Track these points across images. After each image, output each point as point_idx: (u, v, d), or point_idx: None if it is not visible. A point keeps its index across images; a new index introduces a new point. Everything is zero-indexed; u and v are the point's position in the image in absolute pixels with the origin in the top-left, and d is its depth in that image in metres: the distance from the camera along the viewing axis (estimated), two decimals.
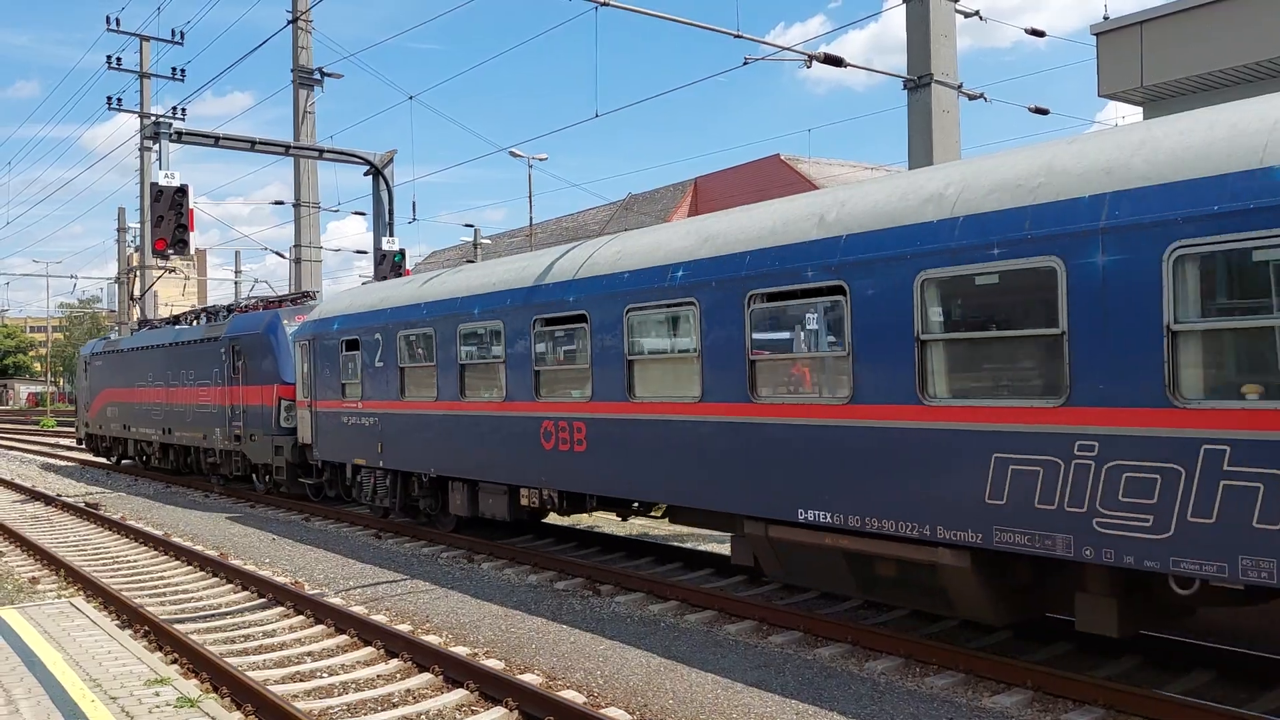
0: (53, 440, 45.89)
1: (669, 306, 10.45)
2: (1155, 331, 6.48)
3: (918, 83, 15.79)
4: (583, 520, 16.37)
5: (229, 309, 24.64)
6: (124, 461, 30.16)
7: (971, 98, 17.08)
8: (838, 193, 9.39)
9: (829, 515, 8.69)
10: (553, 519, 15.83)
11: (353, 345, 16.52)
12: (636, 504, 12.40)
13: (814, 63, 15.94)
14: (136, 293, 48.19)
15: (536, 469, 12.34)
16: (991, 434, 7.45)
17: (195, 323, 25.42)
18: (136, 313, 44.95)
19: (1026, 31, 20.25)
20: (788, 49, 16.26)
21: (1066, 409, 6.99)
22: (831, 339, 8.78)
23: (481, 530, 15.57)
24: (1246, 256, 6.13)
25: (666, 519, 12.26)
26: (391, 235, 23.65)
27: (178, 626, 10.44)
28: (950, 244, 7.71)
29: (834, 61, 16.14)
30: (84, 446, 33.26)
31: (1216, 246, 6.20)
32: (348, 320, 16.81)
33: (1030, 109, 19.42)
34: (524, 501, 12.94)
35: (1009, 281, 7.41)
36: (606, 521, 16.55)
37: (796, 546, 9.29)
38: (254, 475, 21.62)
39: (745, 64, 15.88)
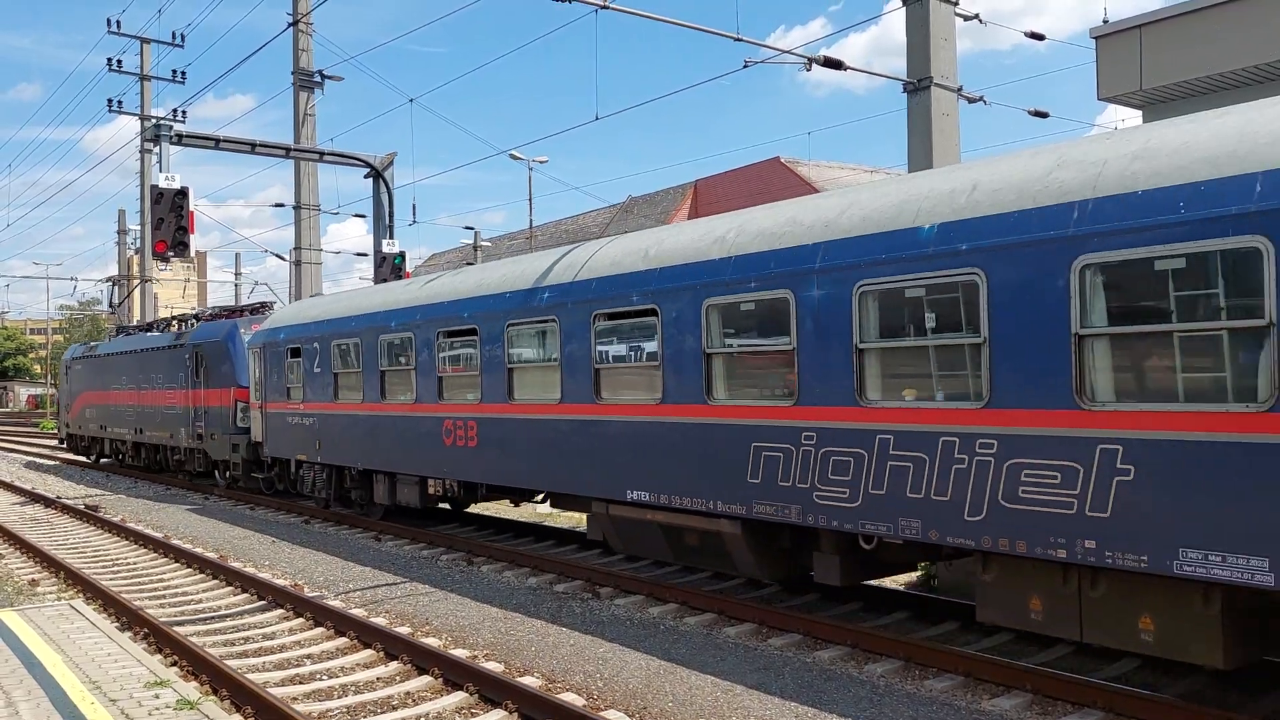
0: (52, 442, 45.87)
1: (539, 322, 12.30)
2: (848, 349, 8.57)
3: (917, 85, 15.80)
4: (581, 523, 16.50)
5: (196, 317, 26.58)
6: (102, 460, 31.61)
7: (971, 101, 17.09)
8: (660, 232, 11.57)
9: (648, 495, 10.68)
10: (560, 519, 16.41)
11: (296, 353, 18.41)
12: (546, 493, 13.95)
13: (814, 65, 15.95)
14: (120, 299, 48.26)
15: (440, 462, 14.32)
16: (751, 427, 9.45)
17: (168, 329, 27.16)
18: (139, 315, 45.11)
19: (1026, 35, 20.26)
20: (788, 52, 16.27)
21: (796, 408, 9.02)
22: (650, 351, 10.66)
23: (408, 519, 17.42)
24: (901, 294, 8.18)
25: (548, 503, 14.06)
26: (392, 238, 23.68)
27: (178, 629, 10.44)
28: (726, 277, 9.71)
29: (834, 64, 16.16)
30: (65, 446, 35.09)
31: (885, 285, 8.27)
32: (292, 330, 18.68)
33: (1030, 112, 19.41)
34: (431, 491, 15.08)
35: (762, 308, 9.43)
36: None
37: (628, 522, 11.35)
38: (215, 471, 23.54)
39: (745, 67, 15.89)
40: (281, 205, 39.80)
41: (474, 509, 18.82)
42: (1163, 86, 14.53)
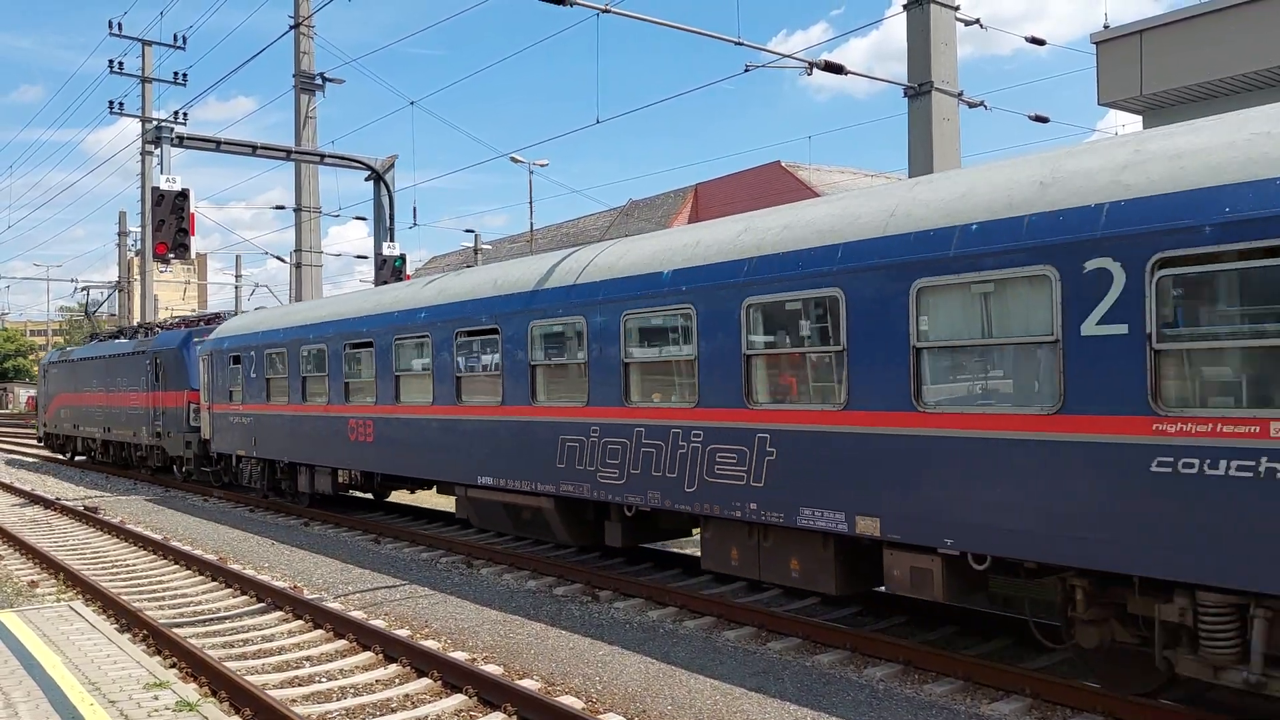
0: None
1: (417, 337, 14.79)
2: (618, 363, 11.09)
3: (918, 90, 15.82)
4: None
5: (162, 326, 29.40)
6: (77, 458, 33.77)
7: (972, 105, 17.12)
8: (505, 266, 14.13)
9: (493, 479, 13.19)
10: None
11: (237, 360, 20.94)
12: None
13: (815, 70, 15.98)
14: (131, 301, 48.81)
15: (346, 456, 16.93)
16: (559, 423, 12.02)
17: (135, 337, 29.44)
18: (139, 317, 45.21)
19: (1027, 39, 20.31)
20: (789, 56, 16.31)
21: (586, 408, 11.58)
22: (495, 362, 13.16)
23: (335, 506, 19.62)
24: (649, 320, 10.87)
25: (436, 490, 16.85)
26: (392, 240, 23.71)
27: (177, 630, 10.44)
28: (544, 305, 12.34)
29: (834, 69, 16.19)
30: (43, 444, 37.11)
31: (640, 314, 10.86)
32: (234, 340, 21.18)
33: (1030, 117, 19.46)
34: (340, 480, 17.89)
35: (568, 330, 12.07)
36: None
37: (481, 502, 13.77)
38: (173, 466, 25.81)
39: (746, 71, 15.93)
40: (282, 208, 39.83)
41: (415, 500, 20.57)
42: (1163, 91, 14.56)
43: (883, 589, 9.10)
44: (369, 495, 19.68)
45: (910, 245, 8.12)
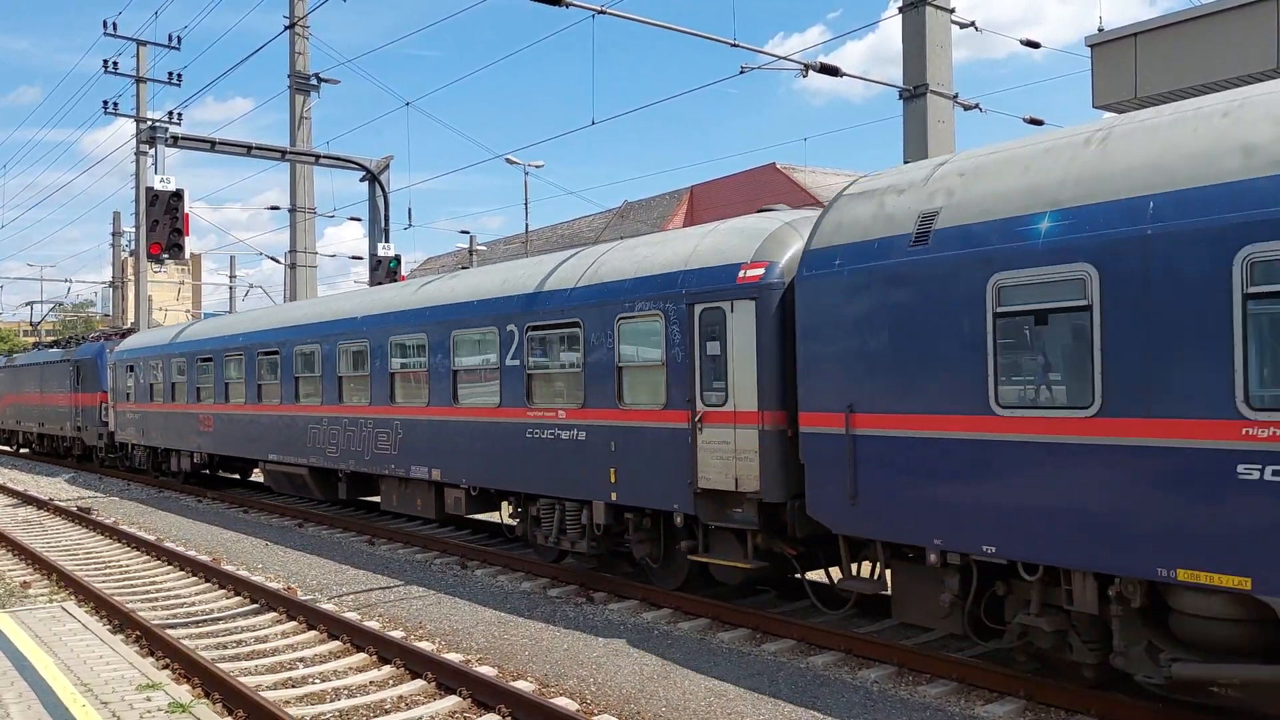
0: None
1: (236, 354, 20.68)
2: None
3: (913, 93, 15.85)
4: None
5: (83, 337, 35.62)
6: (21, 450, 39.51)
7: (967, 108, 17.16)
8: (335, 299, 19.66)
9: (277, 456, 18.94)
10: None
11: (131, 369, 26.68)
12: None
13: (810, 72, 16.00)
14: (125, 301, 49.27)
15: (198, 443, 22.77)
16: (308, 416, 17.79)
17: (67, 347, 35.02)
18: (132, 318, 45.30)
19: (1022, 43, 20.37)
20: (784, 58, 16.32)
21: (320, 406, 17.35)
22: (278, 376, 18.64)
23: (205, 483, 24.67)
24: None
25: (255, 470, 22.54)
26: (387, 241, 23.69)
27: (170, 631, 10.40)
28: (307, 334, 18.03)
29: (830, 71, 16.20)
30: None
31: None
32: (130, 353, 27.19)
33: (1025, 119, 19.49)
34: (195, 460, 23.52)
35: (312, 353, 18.03)
36: None
37: (272, 473, 19.46)
38: (92, 455, 30.98)
39: (742, 72, 15.94)
40: (277, 208, 39.78)
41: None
42: (1157, 95, 14.58)
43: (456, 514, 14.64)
44: (207, 472, 24.65)
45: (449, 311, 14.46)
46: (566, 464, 11.97)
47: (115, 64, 37.80)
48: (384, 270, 23.07)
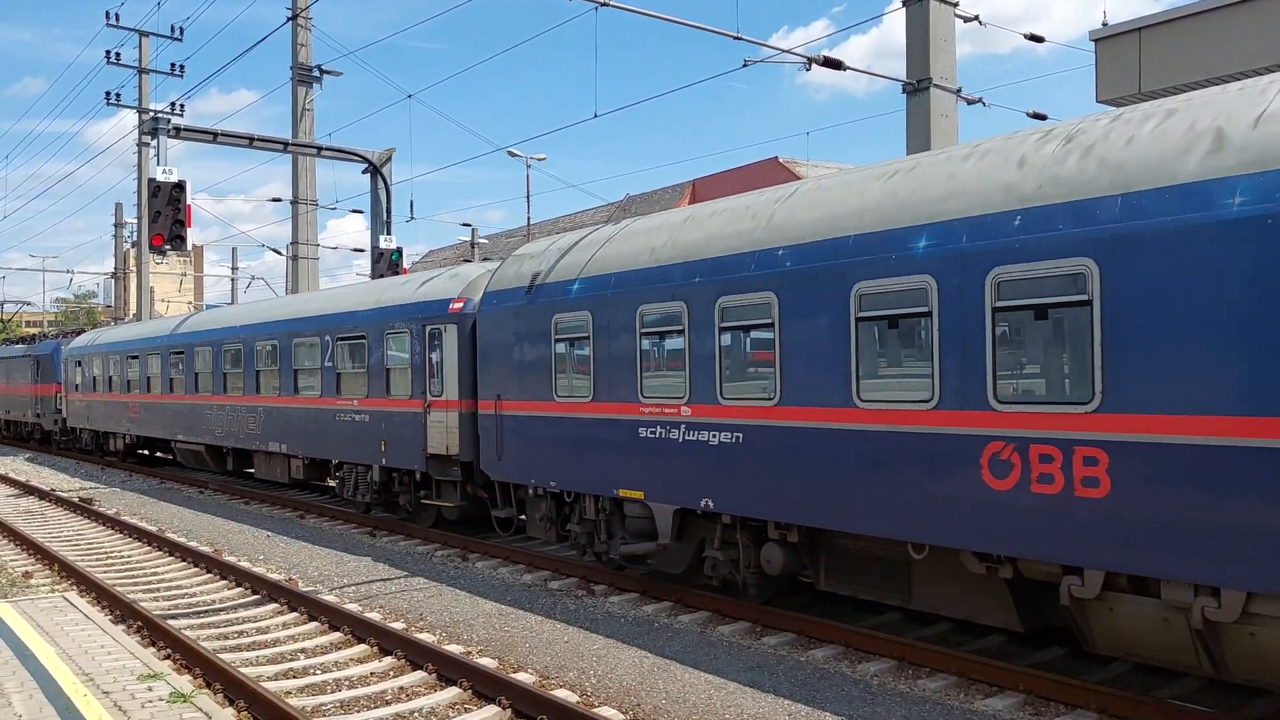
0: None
1: (153, 353, 25.45)
2: (220, 372, 21.73)
3: (916, 86, 15.82)
4: None
5: (44, 335, 41.10)
6: None
7: (970, 102, 17.12)
8: (251, 306, 24.28)
9: (185, 436, 23.41)
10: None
11: (79, 363, 31.49)
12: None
13: (814, 65, 15.97)
14: (127, 293, 49.53)
15: (129, 425, 27.50)
16: (207, 404, 22.22)
17: (33, 343, 39.57)
18: (134, 309, 45.37)
19: (1026, 37, 20.29)
20: (787, 51, 16.28)
21: (213, 395, 22.01)
22: (182, 371, 22.97)
23: (142, 461, 29.51)
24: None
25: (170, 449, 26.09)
26: (389, 234, 23.66)
27: (171, 622, 10.43)
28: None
29: (833, 64, 16.17)
30: None
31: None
32: (78, 349, 31.91)
33: (1028, 114, 19.44)
34: (126, 441, 28.67)
35: (212, 353, 22.32)
36: None
37: (180, 450, 23.98)
38: (49, 438, 35.73)
39: (745, 66, 15.91)
40: (279, 200, 39.73)
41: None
42: (1162, 89, 14.54)
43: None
44: (143, 451, 29.77)
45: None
46: (359, 439, 16.73)
47: (118, 55, 37.79)
48: (385, 263, 23.06)
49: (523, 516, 13.61)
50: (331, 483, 19.25)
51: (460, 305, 14.44)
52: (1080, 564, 7.12)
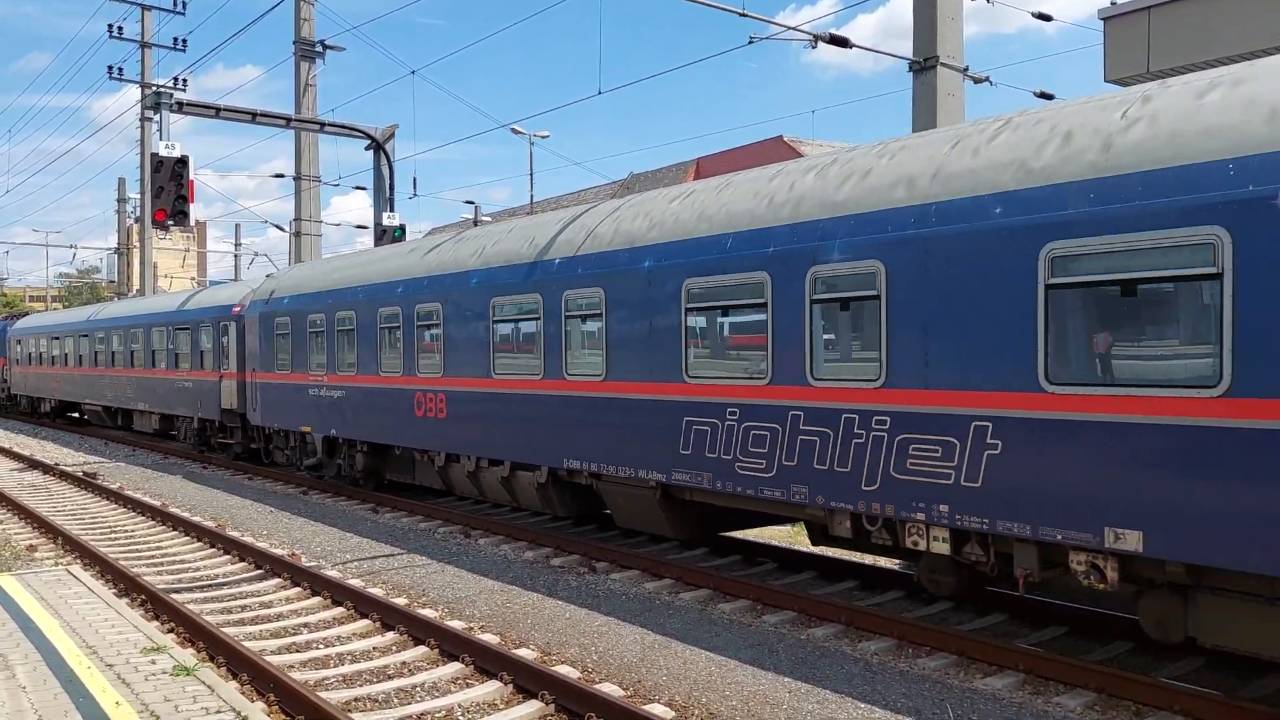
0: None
1: (82, 335, 32.07)
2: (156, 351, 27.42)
3: (923, 65, 15.71)
4: None
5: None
6: None
7: (977, 81, 16.99)
8: (127, 302, 34.45)
9: (89, 400, 32.17)
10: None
11: (19, 342, 39.22)
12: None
13: (819, 43, 15.85)
14: (130, 268, 50.27)
15: (53, 391, 35.02)
16: (103, 377, 30.65)
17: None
18: (138, 285, 45.46)
19: (1034, 15, 20.12)
20: (793, 28, 16.17)
21: (110, 369, 30.29)
22: (97, 351, 31.00)
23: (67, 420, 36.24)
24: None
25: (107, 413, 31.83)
26: (392, 210, 23.59)
27: (174, 596, 10.48)
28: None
29: (839, 42, 16.06)
30: None
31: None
32: (23, 330, 39.39)
33: (1036, 94, 19.32)
34: (52, 404, 35.90)
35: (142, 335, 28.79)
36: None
37: (87, 410, 33.29)
38: None
39: (750, 42, 15.81)
40: (282, 176, 39.59)
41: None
42: (1170, 69, 14.43)
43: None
44: (72, 414, 36.39)
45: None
46: (186, 399, 24.49)
47: (120, 28, 37.60)
48: (389, 240, 23.00)
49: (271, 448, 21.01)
50: (174, 433, 27.01)
51: (239, 310, 21.76)
52: None
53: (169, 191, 16.74)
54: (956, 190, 7.80)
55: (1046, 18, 20.29)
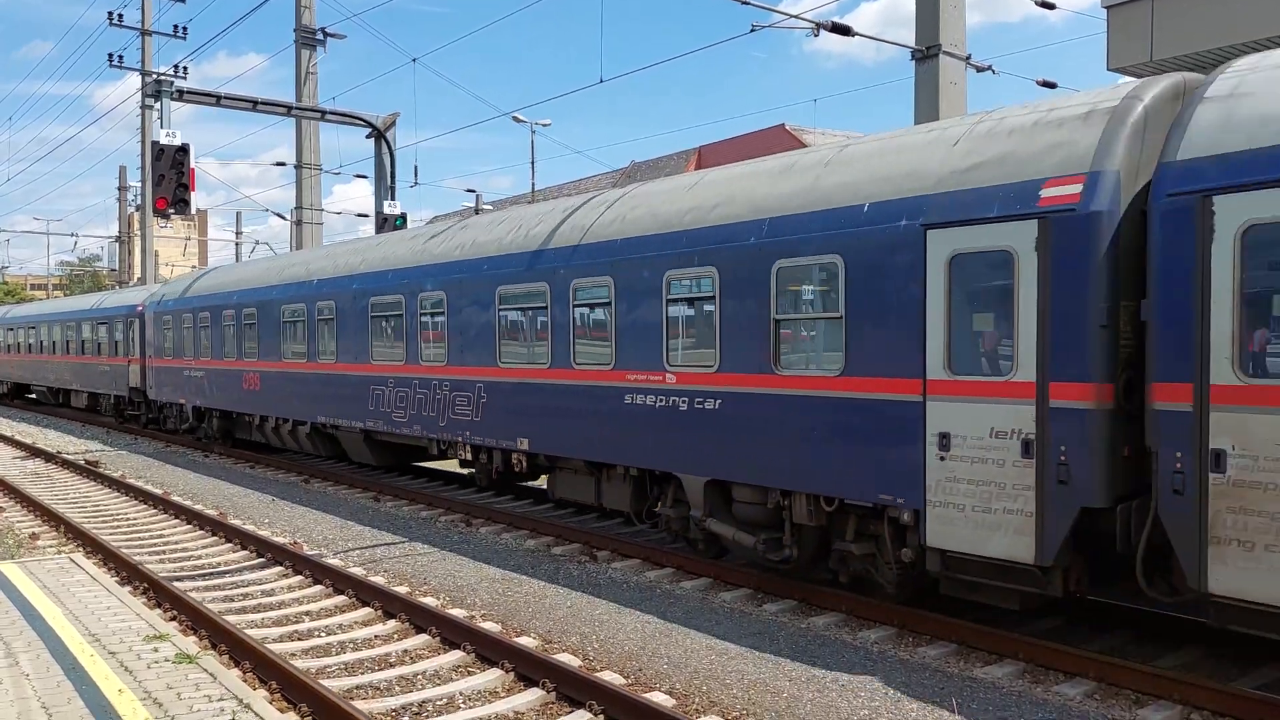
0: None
1: (30, 328, 39.19)
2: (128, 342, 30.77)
3: (925, 53, 15.66)
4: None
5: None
6: None
7: (979, 69, 16.94)
8: (63, 301, 43.51)
9: (38, 382, 38.93)
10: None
11: None
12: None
13: (822, 31, 15.81)
14: (131, 256, 50.62)
15: (9, 374, 42.07)
16: (56, 363, 35.84)
17: None
18: (139, 273, 45.41)
19: (1037, 4, 20.03)
20: (795, 16, 16.12)
21: (56, 356, 36.15)
22: (62, 340, 35.22)
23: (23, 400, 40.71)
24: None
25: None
26: (393, 199, 23.56)
27: (176, 584, 10.51)
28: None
29: (842, 30, 16.01)
30: None
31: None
32: None
33: (1038, 82, 19.25)
34: (7, 387, 42.64)
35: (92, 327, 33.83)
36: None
37: (37, 390, 40.49)
38: None
39: (752, 31, 15.76)
40: (283, 164, 39.54)
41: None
42: (1173, 58, 14.37)
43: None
44: (30, 395, 42.13)
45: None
46: (106, 380, 28.75)
47: (120, 16, 37.50)
48: (390, 228, 22.98)
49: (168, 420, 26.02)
50: (99, 408, 31.46)
51: (141, 308, 26.84)
52: None
53: (170, 180, 16.73)
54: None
55: (1050, 5, 20.21)
